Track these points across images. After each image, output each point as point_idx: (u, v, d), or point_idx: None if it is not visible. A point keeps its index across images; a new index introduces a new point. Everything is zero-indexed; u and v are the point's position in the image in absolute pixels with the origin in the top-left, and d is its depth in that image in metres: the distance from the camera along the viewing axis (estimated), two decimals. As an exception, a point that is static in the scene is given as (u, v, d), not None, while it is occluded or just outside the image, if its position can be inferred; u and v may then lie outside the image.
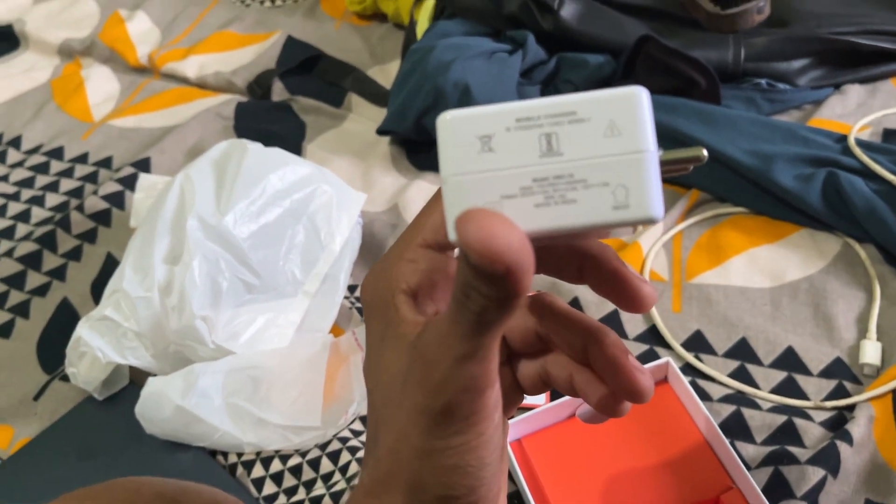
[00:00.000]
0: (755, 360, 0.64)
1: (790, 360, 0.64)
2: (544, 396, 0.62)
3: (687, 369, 0.64)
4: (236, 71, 1.02)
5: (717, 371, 0.64)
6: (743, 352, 0.65)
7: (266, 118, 0.95)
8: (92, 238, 0.83)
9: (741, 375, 0.63)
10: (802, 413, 0.60)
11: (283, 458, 0.62)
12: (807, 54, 0.83)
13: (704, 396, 0.62)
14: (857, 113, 0.81)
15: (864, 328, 0.65)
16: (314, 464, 0.61)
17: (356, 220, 0.74)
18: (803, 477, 0.54)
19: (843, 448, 0.55)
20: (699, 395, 0.60)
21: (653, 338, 0.67)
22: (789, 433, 0.59)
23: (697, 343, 0.66)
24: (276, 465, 0.61)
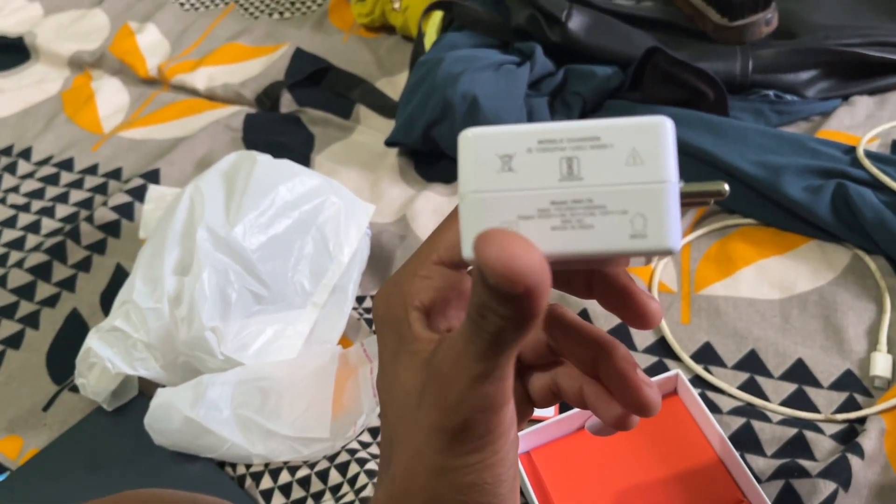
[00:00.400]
0: (765, 372, 0.64)
1: (800, 373, 0.63)
2: (553, 409, 0.62)
3: (696, 381, 0.64)
4: (245, 83, 1.03)
5: (727, 383, 0.63)
6: (752, 364, 0.65)
7: (274, 130, 0.96)
8: (101, 249, 0.83)
9: (751, 387, 0.63)
10: (813, 426, 0.60)
11: (292, 469, 0.62)
12: (815, 66, 0.83)
13: (714, 408, 0.62)
14: (865, 124, 0.81)
15: (875, 340, 0.64)
16: (323, 475, 0.61)
17: (365, 231, 0.74)
18: (815, 490, 0.54)
19: (854, 461, 0.55)
20: (709, 408, 0.60)
21: (662, 350, 0.67)
22: (800, 446, 0.58)
23: (707, 355, 0.66)
24: (284, 477, 0.61)
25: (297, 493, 0.61)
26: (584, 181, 0.23)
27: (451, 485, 0.24)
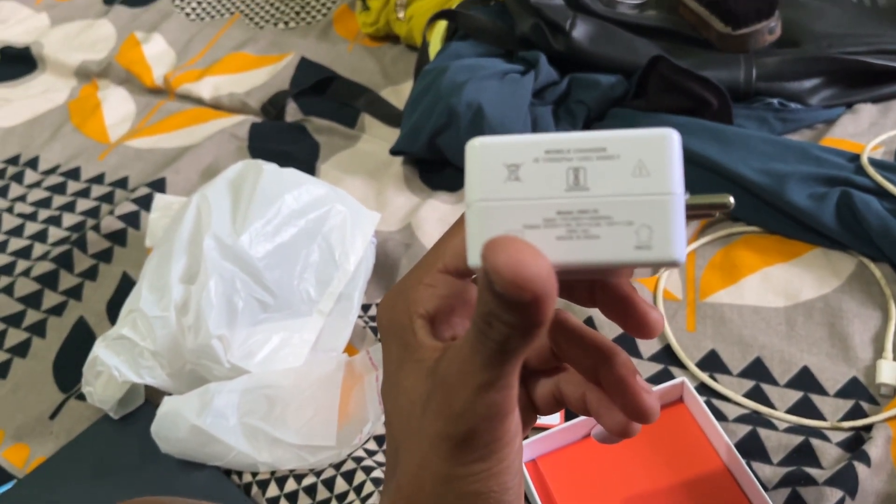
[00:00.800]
0: (770, 379, 0.64)
1: (806, 380, 0.63)
2: (559, 416, 0.62)
3: (702, 389, 0.64)
4: (250, 92, 1.03)
5: (733, 391, 0.63)
6: (758, 371, 0.65)
7: (280, 139, 0.96)
8: (108, 258, 0.84)
9: (756, 395, 0.63)
10: (819, 433, 0.60)
11: (298, 477, 0.62)
12: (818, 74, 0.83)
13: (720, 416, 0.62)
14: (869, 132, 0.81)
15: (881, 348, 0.64)
16: (329, 483, 0.61)
17: (370, 239, 0.74)
18: (821, 498, 0.54)
19: (860, 469, 0.55)
20: (714, 415, 0.60)
21: (667, 357, 0.67)
22: (806, 454, 0.58)
23: (712, 363, 0.66)
24: (290, 485, 0.61)
25: (304, 501, 0.61)
26: (591, 192, 0.23)
27: (456, 493, 0.24)
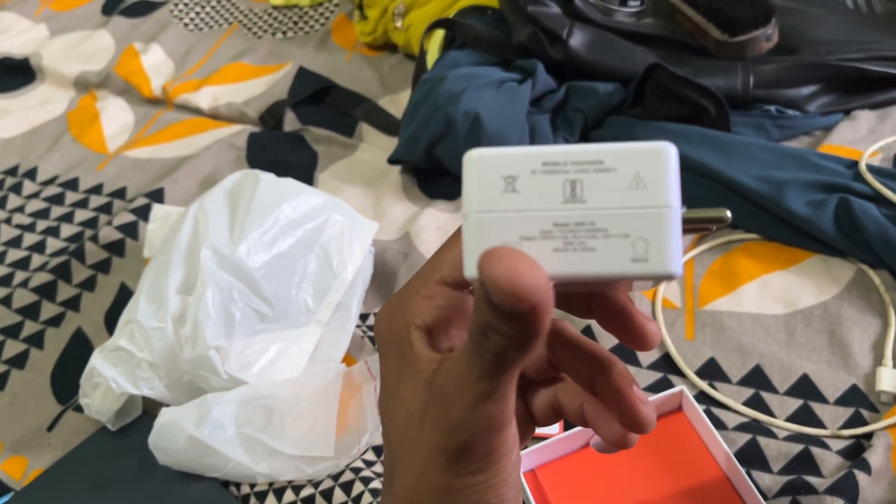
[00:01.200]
0: (770, 387, 0.64)
1: (805, 388, 0.63)
2: (558, 426, 0.62)
3: (701, 397, 0.64)
4: (249, 102, 1.04)
5: (732, 399, 0.63)
6: (757, 379, 0.64)
7: (278, 148, 0.96)
8: (106, 268, 0.83)
9: (756, 403, 0.63)
10: (819, 441, 0.59)
11: (296, 488, 0.62)
12: (816, 81, 0.83)
13: (719, 425, 0.62)
14: (867, 139, 0.81)
15: (880, 355, 0.64)
16: (327, 495, 0.61)
17: (368, 248, 0.74)
18: (822, 507, 0.53)
19: (861, 477, 0.55)
20: (714, 424, 0.60)
21: (666, 366, 0.66)
22: (806, 462, 0.58)
23: (711, 371, 0.66)
24: (288, 496, 0.61)
25: (302, 512, 0.60)
26: (587, 204, 0.23)
27: None
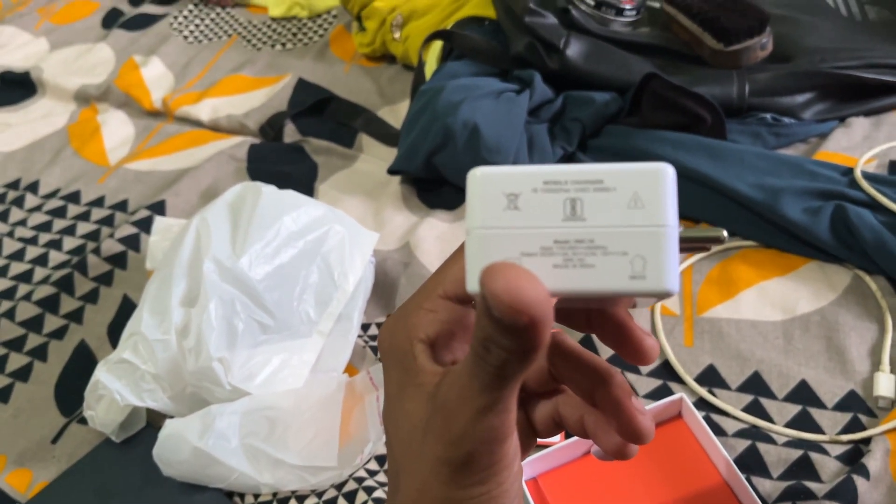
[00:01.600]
0: (769, 393, 0.64)
1: (804, 394, 0.64)
2: (559, 435, 0.62)
3: (700, 404, 0.64)
4: (249, 113, 1.04)
5: (731, 405, 0.64)
6: (756, 386, 0.65)
7: (279, 159, 0.97)
8: (108, 281, 0.84)
9: (755, 410, 0.63)
10: (818, 447, 0.60)
11: (300, 498, 0.62)
12: (811, 88, 0.84)
13: (718, 431, 0.62)
14: (862, 145, 0.82)
15: (878, 360, 0.65)
16: (331, 504, 0.61)
17: (369, 258, 0.74)
18: (821, 512, 0.54)
19: (859, 482, 0.55)
20: (713, 430, 0.60)
21: (666, 373, 0.67)
22: (805, 467, 0.59)
23: (710, 377, 0.66)
24: (292, 506, 0.62)
25: (306, 522, 0.61)
26: (587, 222, 0.23)
27: None
